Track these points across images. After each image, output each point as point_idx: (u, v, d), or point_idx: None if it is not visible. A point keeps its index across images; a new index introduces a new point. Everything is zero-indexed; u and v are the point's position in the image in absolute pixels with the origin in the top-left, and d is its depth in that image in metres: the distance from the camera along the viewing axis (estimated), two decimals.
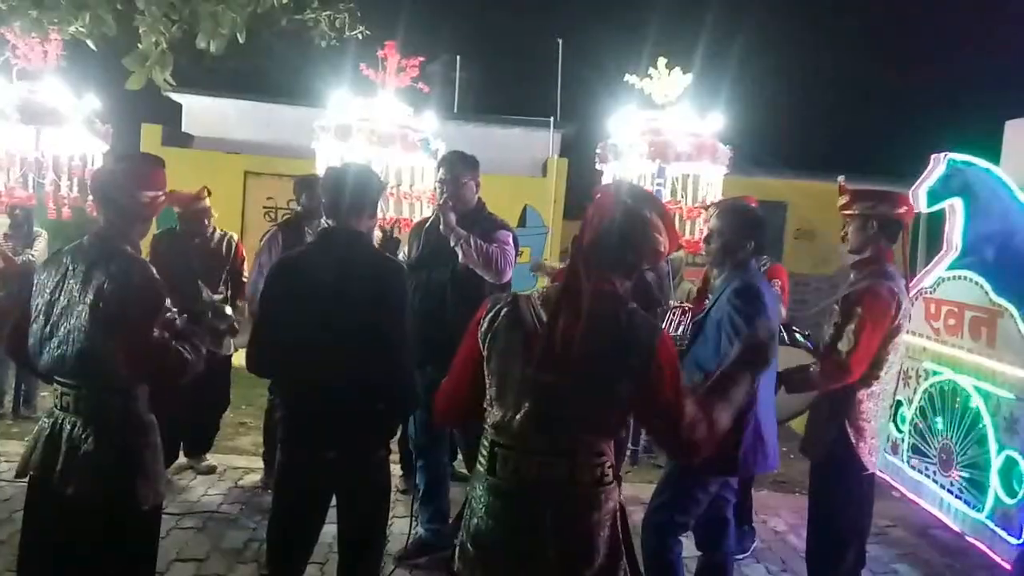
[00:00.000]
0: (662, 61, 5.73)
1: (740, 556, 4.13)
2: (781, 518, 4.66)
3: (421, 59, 5.28)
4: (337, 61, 7.62)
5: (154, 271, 2.34)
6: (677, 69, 5.70)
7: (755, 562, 4.11)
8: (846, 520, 3.22)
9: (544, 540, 1.84)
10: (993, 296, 3.76)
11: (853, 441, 3.16)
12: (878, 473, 4.17)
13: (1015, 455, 3.53)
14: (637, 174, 6.03)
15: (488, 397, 1.93)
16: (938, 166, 4.48)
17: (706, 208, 4.69)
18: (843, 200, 3.35)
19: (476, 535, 1.91)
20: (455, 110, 10.31)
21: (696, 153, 5.61)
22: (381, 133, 4.88)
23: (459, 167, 3.93)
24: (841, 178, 3.56)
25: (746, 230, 3.06)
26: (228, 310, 2.48)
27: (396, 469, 4.63)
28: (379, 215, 5.05)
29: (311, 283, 2.49)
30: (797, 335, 3.48)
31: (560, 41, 10.26)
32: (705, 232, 3.29)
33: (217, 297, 2.66)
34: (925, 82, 15.20)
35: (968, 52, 15.41)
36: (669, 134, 5.53)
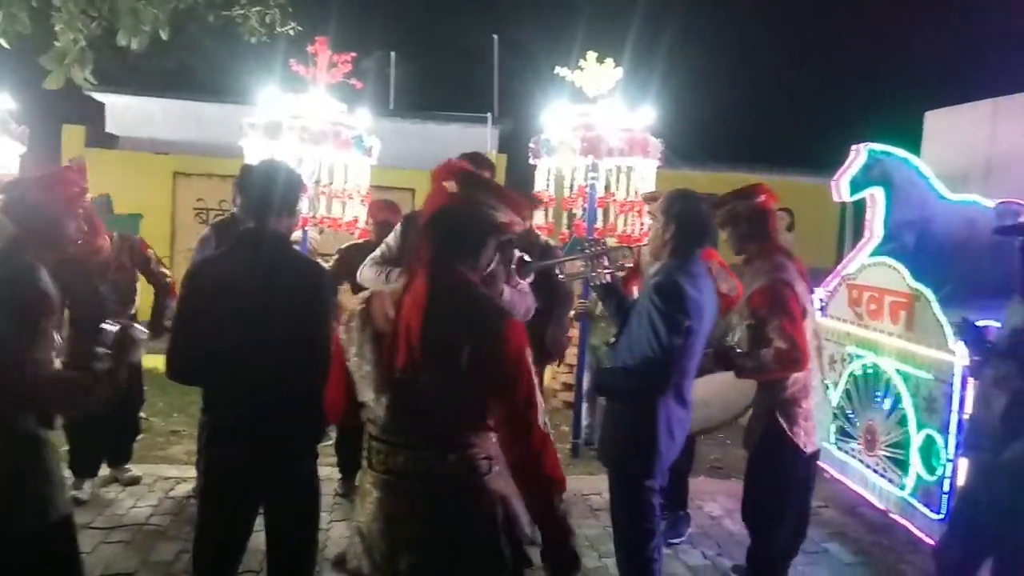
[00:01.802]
0: (592, 54, 5.78)
1: (676, 540, 4.21)
2: (717, 503, 4.75)
3: (353, 55, 5.20)
4: (268, 58, 7.48)
5: (42, 283, 2.19)
6: (609, 62, 5.75)
7: (691, 547, 4.18)
8: (780, 503, 3.30)
9: (418, 530, 1.89)
10: (910, 281, 3.91)
11: (786, 427, 3.24)
12: (820, 452, 4.31)
13: (934, 434, 3.68)
14: (571, 168, 6.08)
15: (359, 393, 1.96)
16: (859, 156, 4.65)
17: (651, 200, 4.69)
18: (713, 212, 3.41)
19: (362, 527, 1.97)
20: (391, 107, 10.22)
21: (628, 148, 5.68)
22: (312, 130, 4.80)
23: None
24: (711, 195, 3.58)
25: (689, 221, 3.05)
26: (138, 332, 2.34)
27: (335, 472, 4.57)
28: (312, 214, 5.04)
29: (230, 286, 2.42)
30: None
31: (496, 37, 10.28)
32: (647, 224, 3.28)
33: (118, 327, 2.44)
34: (849, 75, 15.71)
35: (890, 45, 15.97)
36: (601, 129, 5.58)
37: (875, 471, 4.13)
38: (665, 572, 3.67)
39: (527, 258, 3.51)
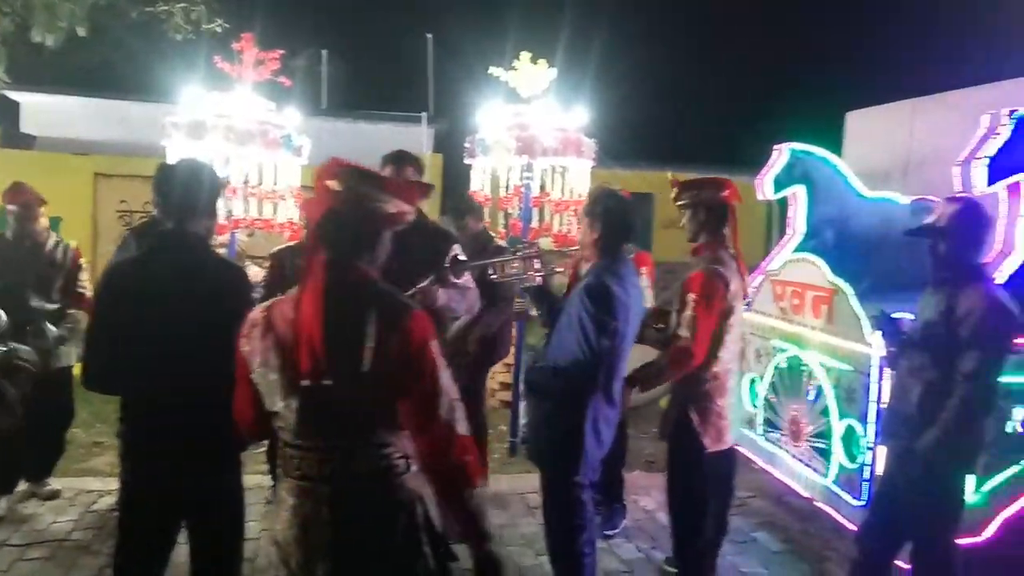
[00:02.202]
0: (526, 55, 5.81)
1: (612, 532, 4.28)
2: (651, 497, 4.83)
3: (281, 52, 5.09)
4: (194, 55, 7.28)
5: None
6: (542, 62, 5.79)
7: (626, 541, 4.25)
8: (698, 496, 3.39)
9: (333, 535, 1.86)
10: (830, 276, 4.05)
11: (695, 423, 3.34)
12: (738, 448, 4.42)
13: (854, 423, 3.81)
14: (506, 168, 6.09)
15: (267, 404, 1.93)
16: (781, 156, 4.79)
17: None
18: (674, 193, 3.53)
19: (277, 534, 1.94)
20: (323, 106, 10.06)
21: (562, 148, 5.73)
22: (238, 130, 4.68)
23: None
24: (670, 173, 3.74)
25: (614, 220, 3.09)
26: (51, 329, 2.26)
27: (267, 480, 4.48)
28: (243, 216, 4.92)
29: (146, 291, 2.33)
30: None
31: (430, 36, 10.23)
32: (577, 224, 3.31)
33: (50, 307, 2.42)
34: (774, 76, 16.21)
35: (814, 48, 16.53)
36: (535, 128, 5.62)
37: (800, 461, 4.27)
38: (600, 566, 3.72)
39: (461, 257, 3.51)
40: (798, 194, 4.83)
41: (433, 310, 3.13)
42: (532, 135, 5.49)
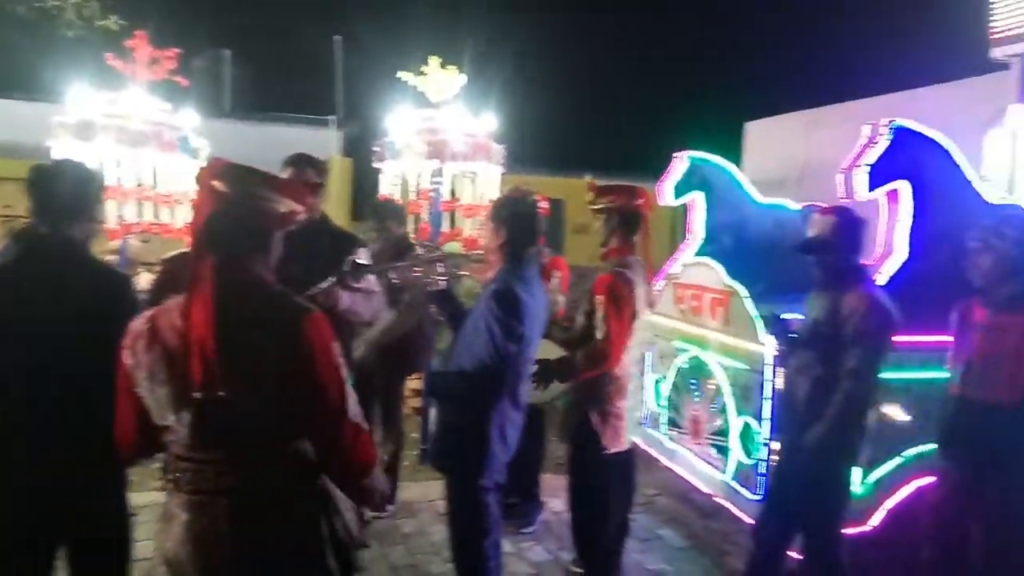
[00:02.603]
0: (435, 60, 5.80)
1: (528, 530, 4.34)
2: (560, 499, 4.86)
3: (177, 51, 4.92)
4: (86, 52, 6.95)
5: None
6: (452, 68, 5.79)
7: (535, 544, 4.27)
8: (599, 496, 3.45)
9: (230, 551, 1.80)
10: (726, 279, 4.20)
11: (596, 424, 3.40)
12: (643, 447, 4.53)
13: (750, 420, 3.96)
14: (416, 172, 6.05)
15: (156, 418, 1.85)
16: (681, 163, 4.94)
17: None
18: (590, 197, 3.61)
19: (168, 553, 1.85)
20: (228, 108, 9.77)
21: (472, 152, 5.74)
22: (131, 131, 4.51)
23: None
24: (588, 177, 3.83)
25: (520, 224, 3.09)
26: None
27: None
28: (136, 220, 4.71)
29: (15, 299, 2.19)
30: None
31: (338, 38, 10.09)
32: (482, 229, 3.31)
33: None
34: (679, 86, 16.78)
35: (718, 60, 17.20)
36: (445, 133, 5.61)
37: (701, 458, 4.40)
38: (508, 570, 3.74)
39: (361, 260, 3.46)
40: (697, 200, 4.99)
41: (338, 314, 3.07)
42: (442, 139, 5.49)
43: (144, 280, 5.31)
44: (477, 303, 3.10)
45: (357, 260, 3.46)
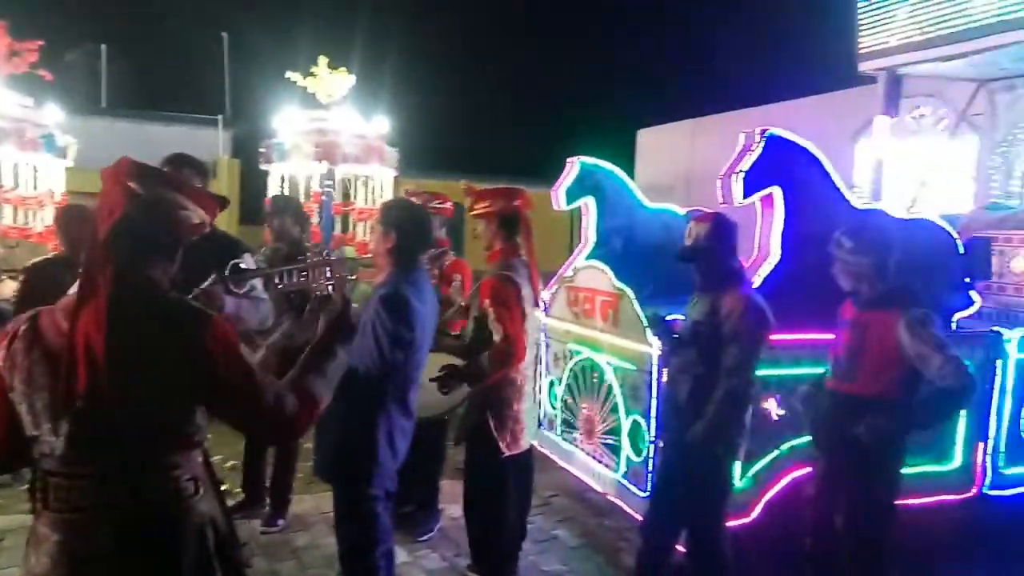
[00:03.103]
0: (324, 60, 5.69)
1: (425, 537, 4.30)
2: (458, 505, 4.84)
3: (40, 43, 4.59)
4: None
5: None
6: (342, 69, 5.70)
7: (431, 551, 4.23)
8: (495, 500, 3.46)
9: (113, 570, 1.70)
10: (615, 282, 4.30)
11: (492, 427, 3.41)
12: (539, 449, 4.57)
13: (639, 419, 4.06)
14: (305, 175, 5.92)
15: (27, 427, 1.72)
16: (573, 169, 5.03)
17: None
18: (469, 202, 3.62)
19: None
20: (103, 104, 9.22)
21: (364, 155, 5.66)
22: None
23: None
24: (463, 182, 3.83)
25: (409, 229, 3.07)
26: None
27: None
28: None
29: None
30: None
31: (225, 35, 9.73)
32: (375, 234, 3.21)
33: None
34: (575, 94, 17.16)
35: (613, 70, 17.67)
36: (335, 135, 5.51)
37: (594, 458, 4.48)
38: None
39: (243, 265, 3.33)
40: (589, 205, 5.09)
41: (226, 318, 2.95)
42: (332, 141, 5.39)
43: (8, 289, 4.95)
44: (366, 307, 3.05)
45: (240, 264, 3.33)
